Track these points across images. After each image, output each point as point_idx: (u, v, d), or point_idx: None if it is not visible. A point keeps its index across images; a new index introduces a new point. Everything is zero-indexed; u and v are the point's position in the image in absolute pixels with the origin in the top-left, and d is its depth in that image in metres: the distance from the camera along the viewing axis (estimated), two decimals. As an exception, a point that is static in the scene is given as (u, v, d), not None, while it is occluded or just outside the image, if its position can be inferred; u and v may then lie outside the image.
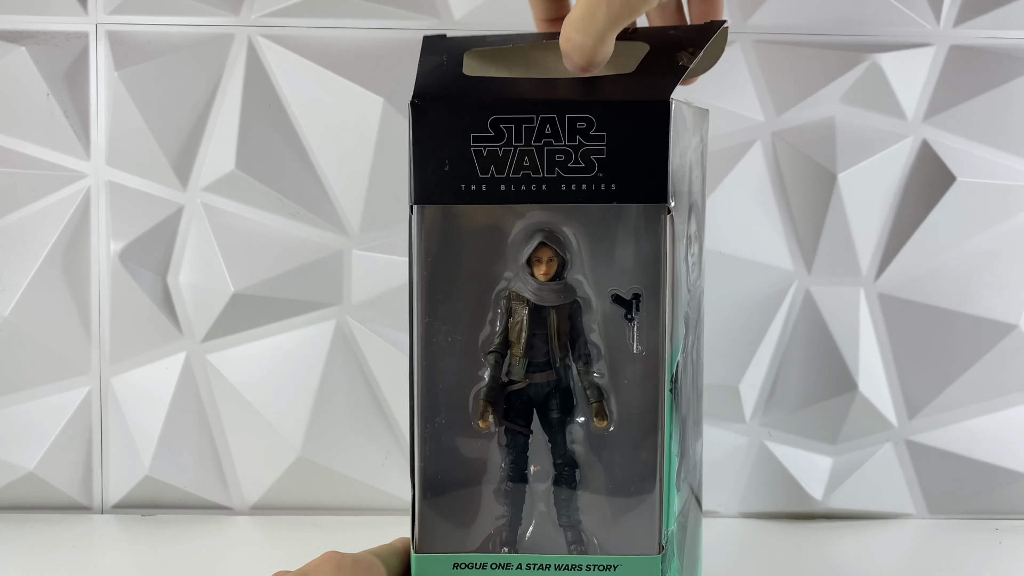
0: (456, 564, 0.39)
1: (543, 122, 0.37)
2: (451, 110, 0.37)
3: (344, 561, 0.38)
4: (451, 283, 0.40)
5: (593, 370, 0.41)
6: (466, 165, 0.37)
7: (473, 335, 0.41)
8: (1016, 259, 0.65)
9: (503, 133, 0.37)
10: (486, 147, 0.37)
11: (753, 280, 0.65)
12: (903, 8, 0.64)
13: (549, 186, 0.37)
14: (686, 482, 0.43)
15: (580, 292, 0.40)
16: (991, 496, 0.67)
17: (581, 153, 0.37)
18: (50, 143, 0.65)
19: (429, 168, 0.37)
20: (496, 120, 0.37)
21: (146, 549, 0.63)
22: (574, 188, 0.37)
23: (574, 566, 0.38)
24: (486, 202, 0.37)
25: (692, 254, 0.43)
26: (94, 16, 0.65)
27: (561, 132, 0.37)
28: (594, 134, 0.37)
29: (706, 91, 0.65)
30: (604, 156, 0.37)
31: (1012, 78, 0.64)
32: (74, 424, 0.67)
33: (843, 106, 0.65)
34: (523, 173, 0.37)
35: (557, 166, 0.37)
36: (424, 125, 0.37)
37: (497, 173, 0.37)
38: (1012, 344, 0.66)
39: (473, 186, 0.37)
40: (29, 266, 0.65)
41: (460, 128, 0.37)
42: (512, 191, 0.37)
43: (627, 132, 0.37)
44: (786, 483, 0.67)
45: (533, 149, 0.37)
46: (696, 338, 0.46)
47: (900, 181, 0.65)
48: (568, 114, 0.37)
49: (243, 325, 0.66)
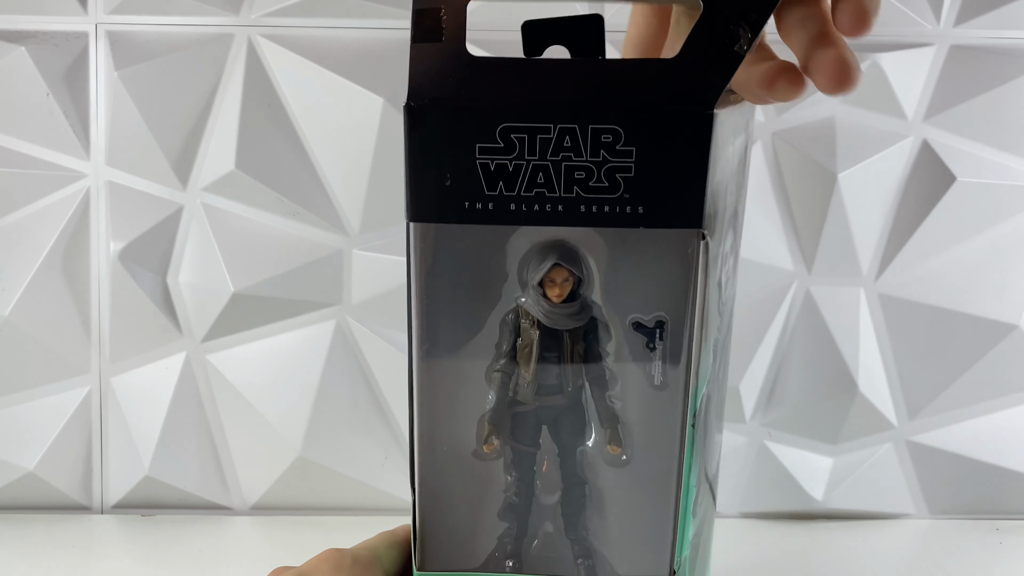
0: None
1: (561, 133, 0.32)
2: (453, 116, 0.32)
3: (343, 560, 0.38)
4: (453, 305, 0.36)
5: (608, 394, 0.37)
6: (470, 180, 0.32)
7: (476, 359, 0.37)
8: (1016, 259, 0.65)
9: (514, 144, 0.32)
10: (494, 160, 0.32)
11: (753, 280, 0.65)
12: (903, 8, 0.64)
13: (566, 207, 0.32)
14: (702, 506, 0.41)
15: (596, 312, 0.36)
16: (991, 496, 0.67)
17: (605, 171, 0.32)
18: (50, 143, 0.65)
19: (427, 182, 0.32)
20: (506, 129, 0.32)
21: (146, 549, 0.63)
22: (595, 210, 0.32)
23: None
24: (493, 222, 0.33)
25: (726, 271, 0.39)
26: (94, 16, 0.64)
27: (583, 145, 0.32)
28: (621, 149, 0.31)
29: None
30: (631, 175, 0.32)
31: (1012, 78, 0.64)
32: (74, 424, 0.67)
33: (843, 106, 0.65)
34: (536, 191, 0.32)
35: (576, 184, 0.32)
36: (421, 132, 0.32)
37: (506, 190, 0.32)
38: (1012, 344, 0.66)
39: (478, 204, 0.32)
40: (29, 266, 0.65)
41: (464, 137, 0.32)
42: (523, 211, 0.32)
43: (659, 147, 0.31)
44: (786, 483, 0.67)
45: (549, 164, 0.32)
46: (723, 361, 0.42)
47: (900, 181, 0.65)
48: (592, 124, 0.31)
49: (243, 325, 0.66)
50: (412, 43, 0.32)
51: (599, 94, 0.31)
